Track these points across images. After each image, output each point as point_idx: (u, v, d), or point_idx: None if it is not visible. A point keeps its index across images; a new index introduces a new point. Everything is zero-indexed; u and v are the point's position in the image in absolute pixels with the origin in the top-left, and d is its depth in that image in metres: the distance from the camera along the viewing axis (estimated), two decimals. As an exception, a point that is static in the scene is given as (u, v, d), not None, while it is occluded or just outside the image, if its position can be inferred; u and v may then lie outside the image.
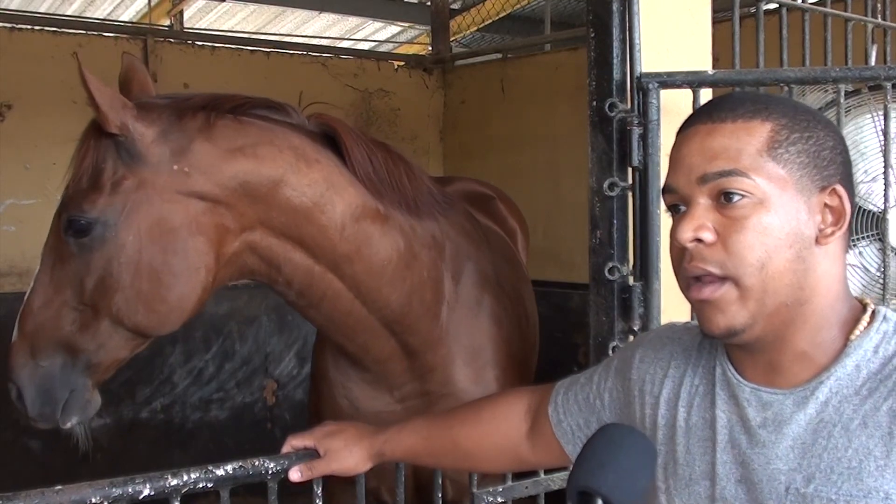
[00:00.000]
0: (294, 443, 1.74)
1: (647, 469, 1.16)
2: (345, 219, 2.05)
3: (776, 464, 1.13)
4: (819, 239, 1.13)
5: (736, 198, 1.11)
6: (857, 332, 1.13)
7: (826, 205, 1.14)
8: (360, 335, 2.21)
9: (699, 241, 1.13)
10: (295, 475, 1.71)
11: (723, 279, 1.12)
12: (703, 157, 1.14)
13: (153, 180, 1.86)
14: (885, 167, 2.16)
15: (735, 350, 1.21)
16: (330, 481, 1.89)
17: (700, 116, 1.19)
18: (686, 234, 1.13)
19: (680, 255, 1.16)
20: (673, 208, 1.19)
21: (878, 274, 2.22)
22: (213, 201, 1.90)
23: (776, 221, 1.11)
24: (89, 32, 4.80)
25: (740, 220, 1.11)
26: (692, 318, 1.44)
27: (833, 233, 1.13)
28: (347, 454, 1.70)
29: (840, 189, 1.14)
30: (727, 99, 1.20)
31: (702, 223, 1.13)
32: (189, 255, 1.87)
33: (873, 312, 1.15)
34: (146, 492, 1.58)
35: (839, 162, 1.16)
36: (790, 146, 1.13)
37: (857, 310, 1.16)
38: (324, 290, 2.09)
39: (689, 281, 1.15)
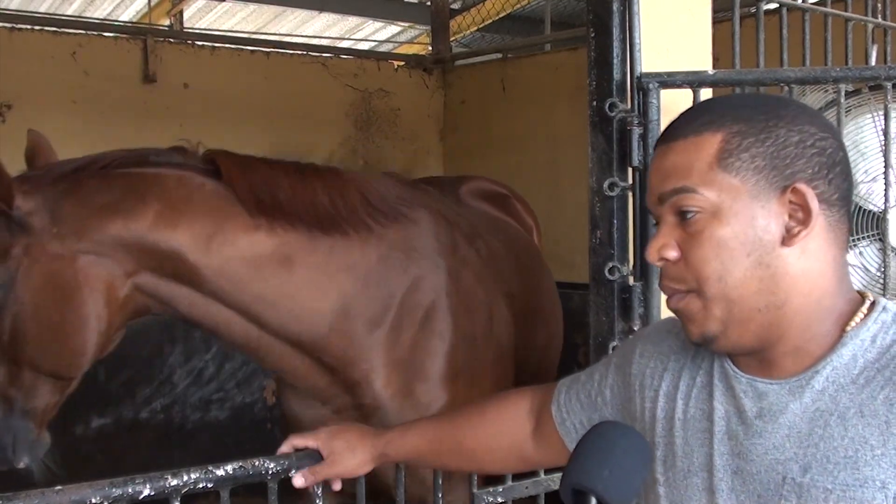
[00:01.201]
0: (295, 442, 1.74)
1: (641, 468, 1.16)
2: (223, 252, 2.11)
3: (773, 454, 1.13)
4: (786, 240, 1.12)
5: (690, 214, 1.15)
6: (853, 322, 1.13)
7: (791, 202, 1.12)
8: (269, 356, 2.26)
9: (666, 259, 1.17)
10: (299, 481, 1.71)
11: (686, 291, 1.16)
12: (658, 176, 1.19)
13: (38, 245, 2.01)
14: (886, 167, 2.16)
15: None
16: None
17: (661, 136, 1.22)
18: (651, 256, 1.19)
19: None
20: (656, 225, 1.24)
21: (878, 274, 2.22)
22: (94, 255, 2.03)
23: (729, 232, 1.12)
24: (89, 32, 4.80)
25: (696, 235, 1.14)
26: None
27: (800, 232, 1.11)
28: (350, 455, 1.69)
29: (802, 186, 1.11)
30: (684, 115, 1.22)
31: (665, 242, 1.17)
32: (81, 307, 2.02)
33: (872, 303, 1.15)
34: (146, 492, 1.58)
35: (809, 155, 1.12)
36: (742, 153, 1.13)
37: (856, 302, 1.16)
38: (215, 318, 2.17)
39: (663, 292, 1.21)
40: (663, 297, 2.02)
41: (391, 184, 2.48)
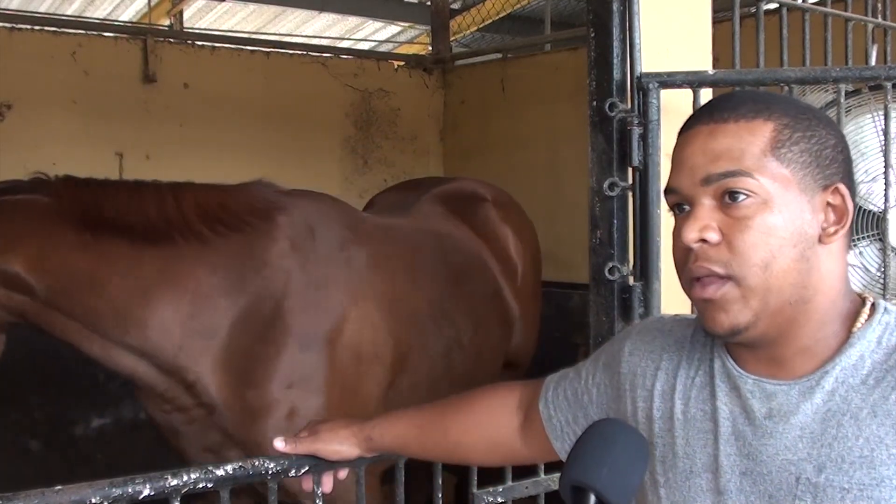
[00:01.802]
0: (285, 437, 1.73)
1: (640, 465, 1.15)
2: (54, 270, 2.31)
3: (785, 454, 1.13)
4: (822, 238, 1.13)
5: (740, 198, 1.11)
6: (858, 324, 1.14)
7: (828, 203, 1.14)
8: (113, 362, 2.43)
9: (704, 241, 1.13)
10: (279, 444, 1.70)
11: (725, 278, 1.12)
12: (706, 157, 1.14)
13: None
14: (886, 167, 2.16)
15: (735, 345, 1.21)
16: None
17: (702, 117, 1.18)
18: (692, 235, 1.13)
19: (684, 255, 1.16)
20: (676, 208, 1.19)
21: (879, 274, 2.22)
22: None
23: (780, 221, 1.11)
24: (89, 32, 4.80)
25: (745, 219, 1.11)
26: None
27: (836, 231, 1.14)
28: (333, 436, 1.68)
29: (842, 188, 1.14)
30: (728, 98, 1.20)
31: (707, 224, 1.13)
32: None
33: (873, 305, 1.16)
34: (146, 492, 1.58)
35: (840, 160, 1.16)
36: (793, 146, 1.13)
37: (857, 303, 1.17)
38: (63, 328, 2.37)
39: (692, 281, 1.16)
40: (663, 298, 2.03)
41: (250, 193, 2.61)
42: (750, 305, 1.12)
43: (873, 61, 3.01)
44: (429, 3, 6.54)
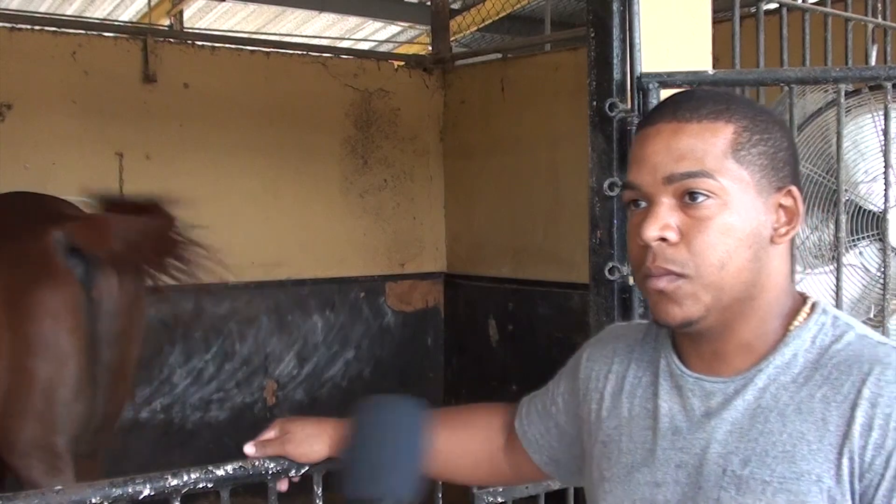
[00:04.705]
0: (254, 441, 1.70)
1: (411, 443, 1.10)
2: None
3: (715, 448, 1.17)
4: (773, 238, 1.18)
5: (701, 198, 1.14)
6: (796, 322, 1.19)
7: (781, 205, 1.18)
8: None
9: (663, 240, 1.16)
10: (248, 448, 1.66)
11: (680, 275, 1.15)
12: (669, 156, 1.15)
13: None
14: (886, 167, 2.16)
15: (683, 341, 1.25)
16: None
17: (664, 115, 1.19)
18: (653, 234, 1.15)
19: (641, 252, 1.18)
20: (633, 203, 1.21)
21: (878, 274, 2.22)
22: None
23: (738, 222, 1.14)
24: (89, 32, 4.80)
25: (704, 220, 1.14)
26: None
27: (787, 232, 1.18)
28: (304, 436, 1.63)
29: (794, 190, 1.19)
30: (690, 97, 1.21)
31: (667, 223, 1.15)
32: None
33: (813, 305, 1.21)
34: (146, 492, 1.57)
35: (792, 163, 1.21)
36: (751, 148, 1.16)
37: (799, 302, 1.22)
38: None
39: (646, 273, 1.18)
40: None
41: None
42: (702, 300, 1.15)
43: (873, 61, 3.01)
44: (429, 3, 6.53)
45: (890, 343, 1.15)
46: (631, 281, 2.08)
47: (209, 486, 1.64)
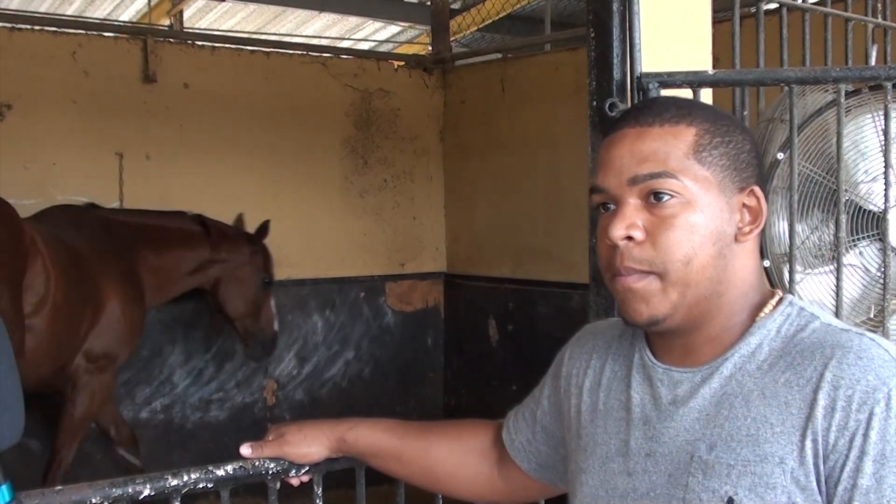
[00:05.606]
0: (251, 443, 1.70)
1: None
2: None
3: (683, 435, 1.21)
4: (738, 236, 1.22)
5: (665, 198, 1.19)
6: (762, 314, 1.22)
7: (744, 205, 1.23)
8: None
9: (630, 238, 1.20)
10: (245, 450, 1.67)
11: (648, 273, 1.20)
12: (633, 159, 1.21)
13: None
14: (886, 167, 2.16)
15: (654, 337, 1.29)
16: None
17: (629, 120, 1.25)
18: (619, 232, 1.20)
19: (610, 252, 1.23)
20: (602, 206, 1.26)
21: (879, 274, 2.22)
22: None
23: (702, 220, 1.19)
24: (89, 32, 4.80)
25: (669, 218, 1.19)
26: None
27: (751, 230, 1.23)
28: (301, 437, 1.65)
29: (757, 190, 1.24)
30: (653, 104, 1.29)
31: (633, 222, 1.20)
32: None
33: (780, 298, 1.25)
34: (146, 492, 1.58)
35: (755, 164, 1.26)
36: (713, 149, 1.21)
37: (767, 296, 1.26)
38: None
39: (614, 272, 1.22)
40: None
41: None
42: (669, 298, 1.19)
43: (873, 61, 3.00)
44: (429, 3, 6.53)
45: (854, 330, 1.18)
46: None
47: (209, 486, 1.65)
